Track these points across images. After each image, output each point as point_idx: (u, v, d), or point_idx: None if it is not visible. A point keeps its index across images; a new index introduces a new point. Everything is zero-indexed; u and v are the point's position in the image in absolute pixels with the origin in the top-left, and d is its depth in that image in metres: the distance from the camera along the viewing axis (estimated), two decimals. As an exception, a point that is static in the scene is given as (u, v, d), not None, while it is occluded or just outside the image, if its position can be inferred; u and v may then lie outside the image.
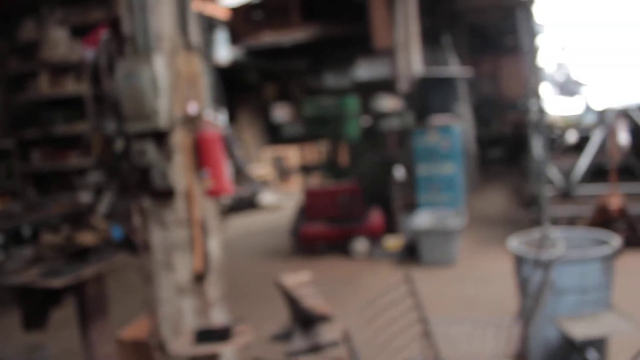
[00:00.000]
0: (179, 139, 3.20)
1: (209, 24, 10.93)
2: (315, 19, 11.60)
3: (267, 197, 10.89)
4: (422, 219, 6.42)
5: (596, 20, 6.36)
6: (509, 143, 13.34)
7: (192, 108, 3.22)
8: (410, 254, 6.38)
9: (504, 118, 14.48)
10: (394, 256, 6.55)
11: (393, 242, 6.69)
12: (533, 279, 3.46)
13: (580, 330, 3.14)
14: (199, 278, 3.30)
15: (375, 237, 6.71)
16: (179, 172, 3.21)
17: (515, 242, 3.71)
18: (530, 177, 7.01)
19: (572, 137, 10.38)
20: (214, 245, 3.40)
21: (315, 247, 6.98)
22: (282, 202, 10.66)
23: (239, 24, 11.37)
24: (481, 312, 4.72)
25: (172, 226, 3.25)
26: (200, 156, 3.22)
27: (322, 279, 6.05)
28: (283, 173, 12.70)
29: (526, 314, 3.00)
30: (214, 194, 3.25)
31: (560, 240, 3.84)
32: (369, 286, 5.68)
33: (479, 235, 7.07)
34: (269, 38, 11.99)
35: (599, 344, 3.37)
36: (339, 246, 6.85)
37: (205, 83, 3.47)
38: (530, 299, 3.53)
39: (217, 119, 3.42)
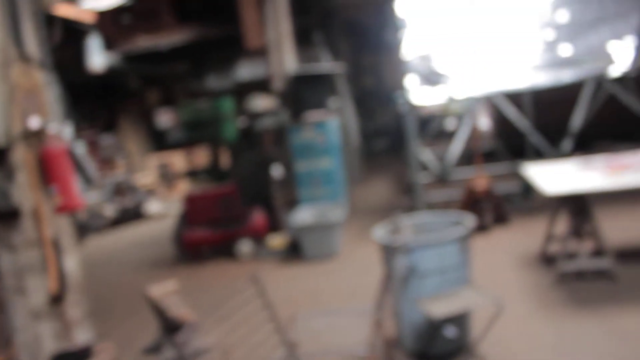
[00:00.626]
0: (21, 156, 3.02)
1: (79, 30, 10.45)
2: (191, 21, 11.37)
3: (153, 206, 10.60)
4: (303, 215, 6.50)
5: (458, 10, 6.68)
6: (392, 133, 13.80)
7: (33, 122, 3.05)
8: (295, 250, 6.44)
9: (387, 110, 14.96)
10: (279, 254, 6.59)
11: (277, 241, 6.72)
12: (396, 265, 3.61)
13: (438, 309, 3.29)
14: (57, 300, 3.14)
15: (259, 237, 6.72)
16: (23, 190, 3.04)
17: (381, 231, 3.83)
18: (409, 165, 7.29)
19: (449, 124, 10.91)
20: (71, 264, 3.25)
21: (200, 252, 6.88)
22: (169, 209, 10.41)
23: (109, 29, 10.93)
24: (360, 302, 4.84)
25: (21, 248, 3.07)
26: (46, 172, 3.07)
27: (206, 284, 6.01)
28: (169, 180, 12.40)
29: (381, 300, 3.11)
30: (64, 210, 3.11)
31: (421, 226, 4.03)
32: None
33: (361, 226, 7.26)
34: (144, 42, 11.62)
35: (460, 320, 3.55)
36: (224, 249, 6.79)
37: (49, 95, 3.30)
38: (395, 284, 3.68)
39: (63, 133, 3.26)
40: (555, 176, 4.60)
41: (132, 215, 10.22)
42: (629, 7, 6.35)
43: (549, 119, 7.68)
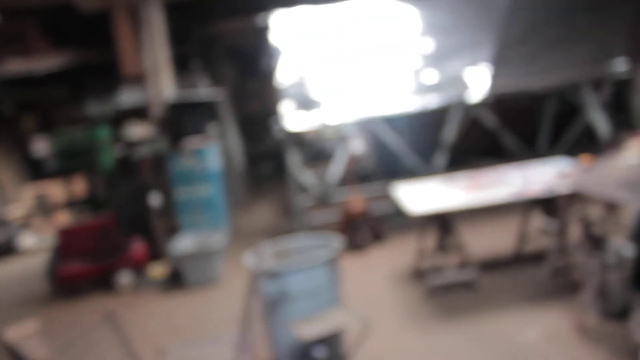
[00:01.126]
0: None
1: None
2: (67, 45, 10.95)
3: (27, 240, 9.98)
4: (184, 243, 6.42)
5: (333, 37, 6.94)
6: (278, 157, 13.92)
7: None
8: (176, 279, 6.33)
9: (273, 134, 15.06)
10: (160, 284, 6.44)
11: (158, 270, 6.57)
12: (266, 289, 3.66)
13: (308, 331, 3.38)
14: None
15: (139, 268, 6.53)
16: None
17: (251, 257, 3.88)
18: (290, 188, 7.41)
19: (330, 147, 11.18)
20: None
21: (77, 287, 6.56)
22: (45, 243, 9.83)
23: (-27, 53, 10.28)
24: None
25: None
26: None
27: (79, 320, 5.74)
28: (47, 211, 11.73)
29: (245, 326, 3.14)
30: None
31: (292, 249, 4.12)
32: (134, 320, 5.50)
33: (243, 251, 7.24)
34: (15, 66, 11.03)
35: (331, 339, 3.65)
36: (102, 282, 6.53)
37: None
38: (266, 309, 3.73)
39: None
40: (421, 195, 4.88)
41: (2, 250, 9.56)
42: (485, 37, 6.90)
43: (422, 139, 8.13)
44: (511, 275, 5.04)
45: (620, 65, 7.22)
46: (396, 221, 6.96)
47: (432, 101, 6.99)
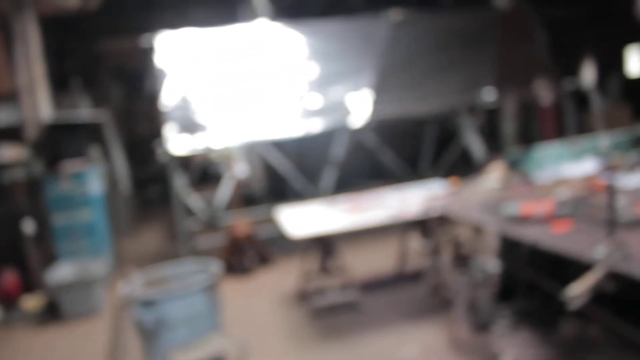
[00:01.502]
0: None
1: None
2: None
3: None
4: (61, 272, 6.07)
5: (220, 60, 6.92)
6: (166, 180, 13.60)
7: None
8: (53, 310, 5.96)
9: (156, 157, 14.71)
10: (35, 317, 6.04)
11: (33, 302, 6.16)
12: (145, 318, 3.56)
13: (186, 359, 3.32)
14: None
15: (10, 301, 6.09)
16: None
17: (127, 285, 3.76)
18: (176, 212, 7.25)
19: (220, 170, 11.08)
20: None
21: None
22: None
23: None
24: None
25: None
26: None
27: None
28: None
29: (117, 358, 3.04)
30: None
31: (170, 276, 4.04)
32: (4, 357, 5.13)
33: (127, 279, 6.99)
34: None
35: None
36: (-32, 318, 6.03)
37: None
38: (144, 339, 3.62)
39: None
40: (304, 218, 4.96)
41: None
42: (368, 64, 7.19)
43: (310, 162, 8.28)
44: (392, 295, 5.22)
45: (489, 95, 7.78)
46: (283, 244, 7.01)
47: (316, 125, 7.15)
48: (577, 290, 2.17)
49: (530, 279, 3.61)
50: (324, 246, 4.97)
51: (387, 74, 7.08)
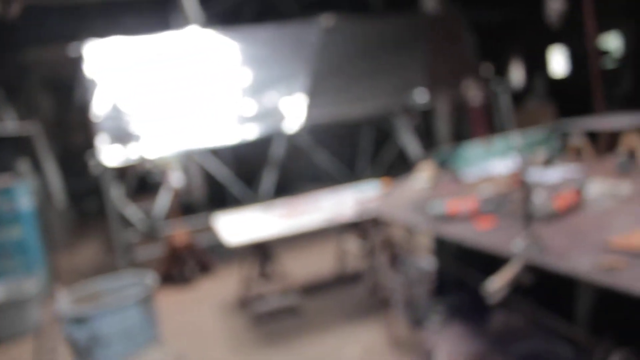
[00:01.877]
0: None
1: None
2: None
3: None
4: (-10, 293, 5.83)
5: (152, 68, 6.82)
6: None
7: None
8: (-17, 334, 5.72)
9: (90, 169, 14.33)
10: (-36, 341, 5.78)
11: (-39, 326, 5.88)
12: (77, 336, 3.47)
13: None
14: None
15: None
16: None
17: (58, 302, 3.65)
18: (112, 224, 7.09)
19: (159, 179, 10.88)
20: None
21: None
22: None
23: None
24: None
25: None
26: None
27: None
28: None
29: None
30: None
31: (106, 291, 3.95)
32: None
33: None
34: None
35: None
36: None
37: None
38: (78, 357, 3.53)
39: None
40: (241, 225, 4.94)
41: None
42: (300, 69, 7.24)
43: (249, 169, 8.26)
44: (332, 297, 5.27)
45: (421, 96, 7.97)
46: (223, 252, 6.94)
47: (252, 132, 7.14)
48: (496, 284, 2.26)
49: (460, 274, 3.72)
50: (262, 252, 4.97)
51: (319, 78, 7.16)
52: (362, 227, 4.93)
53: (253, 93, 7.16)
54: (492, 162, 4.48)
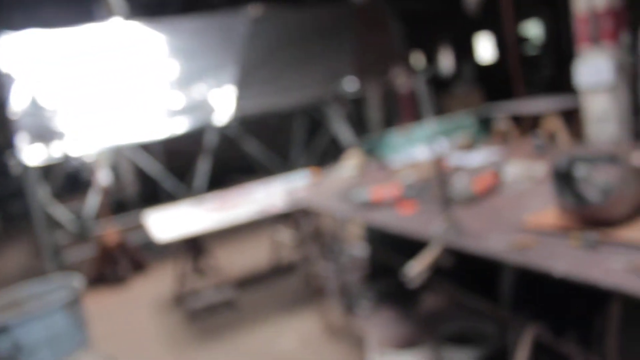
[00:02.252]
0: None
1: None
2: None
3: None
4: None
5: (75, 62, 6.57)
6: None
7: None
8: None
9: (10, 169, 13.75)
10: None
11: None
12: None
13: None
14: None
15: None
16: None
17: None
18: (38, 226, 6.83)
19: (89, 177, 10.57)
20: None
21: None
22: None
23: None
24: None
25: None
26: None
27: None
28: None
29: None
30: None
31: (28, 297, 3.82)
32: None
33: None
34: None
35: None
36: None
37: None
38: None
39: None
40: (172, 220, 4.86)
41: None
42: (228, 60, 7.16)
43: (182, 162, 8.13)
44: (267, 289, 5.27)
45: (351, 84, 8.04)
46: (157, 249, 6.84)
47: (182, 125, 7.02)
48: (416, 268, 2.31)
49: (389, 260, 3.79)
50: (195, 247, 4.92)
51: (248, 69, 7.10)
52: (293, 217, 4.94)
53: (181, 86, 7.03)
54: (417, 148, 4.57)
